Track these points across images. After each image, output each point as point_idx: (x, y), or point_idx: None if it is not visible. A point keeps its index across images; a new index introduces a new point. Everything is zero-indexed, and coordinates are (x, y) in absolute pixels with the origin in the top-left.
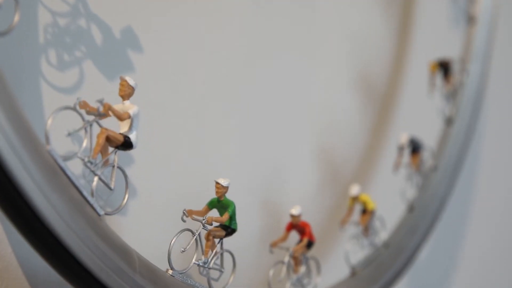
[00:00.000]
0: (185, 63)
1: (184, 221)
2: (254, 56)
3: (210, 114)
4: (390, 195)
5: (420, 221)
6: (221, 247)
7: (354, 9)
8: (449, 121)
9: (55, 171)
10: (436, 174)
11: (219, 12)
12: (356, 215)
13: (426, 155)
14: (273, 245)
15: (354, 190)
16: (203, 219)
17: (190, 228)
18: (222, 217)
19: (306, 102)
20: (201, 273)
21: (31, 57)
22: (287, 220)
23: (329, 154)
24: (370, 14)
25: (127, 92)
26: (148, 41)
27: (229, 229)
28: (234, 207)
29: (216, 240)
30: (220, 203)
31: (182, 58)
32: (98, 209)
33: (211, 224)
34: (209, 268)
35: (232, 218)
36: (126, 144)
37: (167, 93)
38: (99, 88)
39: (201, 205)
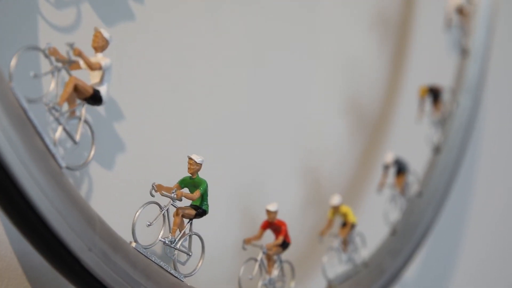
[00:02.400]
0: (180, 63)
1: (152, 195)
2: (251, 68)
3: (202, 117)
4: (374, 216)
5: (403, 245)
6: (190, 229)
7: (350, 35)
8: (437, 150)
9: (20, 116)
10: (421, 200)
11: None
12: (336, 228)
13: (412, 179)
14: (247, 241)
15: (335, 200)
16: (173, 193)
17: (160, 203)
18: (193, 194)
19: (296, 122)
20: (166, 253)
21: None
22: None
23: (315, 175)
24: (366, 41)
25: (100, 44)
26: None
27: (199, 209)
28: (206, 186)
29: (185, 221)
30: (192, 181)
31: (178, 56)
32: (59, 160)
33: (180, 200)
34: (176, 249)
35: (204, 198)
36: (95, 98)
37: (161, 86)
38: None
39: None
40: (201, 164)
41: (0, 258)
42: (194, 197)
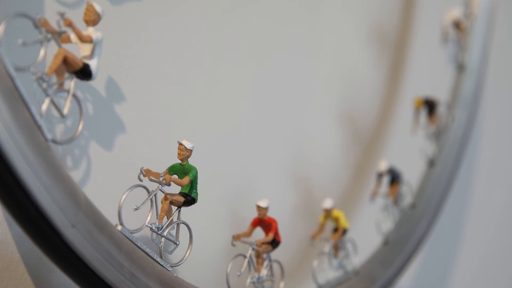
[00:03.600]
0: (180, 62)
1: (140, 180)
2: (250, 70)
3: (200, 117)
4: (367, 225)
5: (394, 256)
6: (178, 217)
7: (348, 47)
8: (431, 163)
9: (7, 84)
10: (414, 212)
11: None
12: (328, 232)
13: (405, 190)
14: (236, 238)
15: (327, 203)
16: (161, 177)
17: (147, 187)
18: (182, 180)
19: (292, 128)
20: (153, 240)
21: None
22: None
23: (308, 182)
24: (363, 54)
25: (92, 18)
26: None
27: (188, 197)
28: (196, 172)
29: (174, 209)
30: (182, 168)
31: (178, 56)
32: (45, 131)
33: (169, 185)
34: (163, 236)
35: (193, 186)
36: (84, 72)
37: (160, 85)
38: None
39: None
40: (191, 151)
41: (1, 258)
42: (183, 183)
